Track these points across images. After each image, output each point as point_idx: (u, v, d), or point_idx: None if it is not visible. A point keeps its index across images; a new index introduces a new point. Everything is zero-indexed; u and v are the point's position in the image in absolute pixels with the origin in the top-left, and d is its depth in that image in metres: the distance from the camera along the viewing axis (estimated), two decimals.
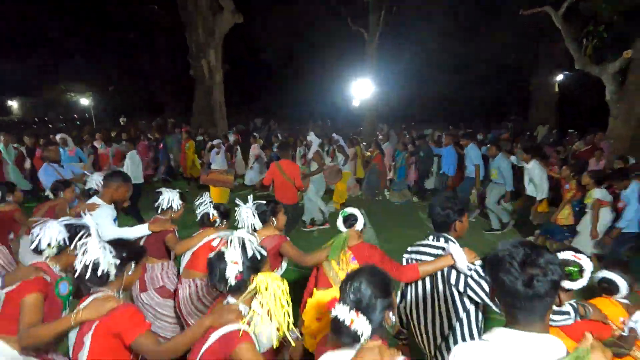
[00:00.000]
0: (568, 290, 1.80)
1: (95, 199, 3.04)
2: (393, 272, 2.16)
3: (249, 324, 1.47)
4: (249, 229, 2.50)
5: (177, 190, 3.13)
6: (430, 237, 2.26)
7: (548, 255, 1.09)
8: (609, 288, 2.20)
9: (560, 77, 15.01)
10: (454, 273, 2.06)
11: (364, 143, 11.06)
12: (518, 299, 1.09)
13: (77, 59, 22.20)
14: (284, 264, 2.78)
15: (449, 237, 2.19)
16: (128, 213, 6.03)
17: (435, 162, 8.41)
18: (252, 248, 1.62)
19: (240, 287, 1.56)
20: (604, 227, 4.54)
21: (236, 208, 2.61)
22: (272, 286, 1.50)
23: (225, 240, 1.63)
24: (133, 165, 6.48)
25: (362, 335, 1.25)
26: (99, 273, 1.65)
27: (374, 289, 1.29)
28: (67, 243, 1.98)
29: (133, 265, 1.79)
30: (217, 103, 12.81)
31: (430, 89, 20.28)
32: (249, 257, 1.58)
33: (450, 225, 2.19)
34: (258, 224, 2.57)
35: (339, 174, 7.03)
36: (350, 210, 2.48)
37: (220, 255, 1.58)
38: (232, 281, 1.54)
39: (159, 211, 3.00)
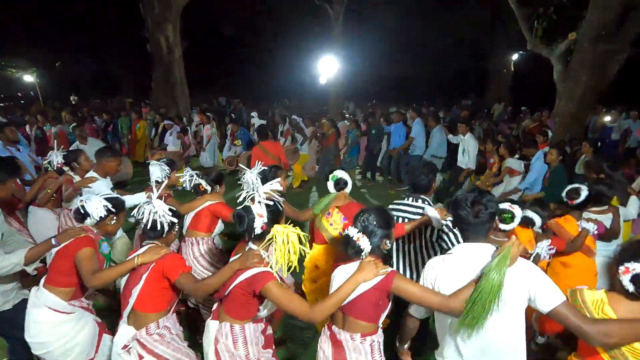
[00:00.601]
0: (503, 231, 2.42)
1: (92, 174, 3.43)
2: None
3: (269, 265, 1.82)
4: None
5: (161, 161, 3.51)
6: (410, 199, 2.75)
7: (488, 196, 1.67)
8: (527, 222, 2.90)
9: (515, 57, 15.71)
10: (429, 228, 2.66)
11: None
12: (470, 225, 1.66)
13: (15, 31, 20.15)
14: None
15: (426, 198, 2.72)
16: None
17: (385, 140, 8.48)
18: (275, 203, 1.94)
19: (262, 236, 1.86)
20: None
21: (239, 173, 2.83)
22: (286, 235, 1.80)
23: (252, 197, 1.93)
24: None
25: (363, 250, 1.75)
26: (158, 227, 2.06)
27: (378, 221, 1.78)
28: (107, 214, 2.30)
29: (177, 227, 2.22)
30: (178, 81, 12.30)
31: (394, 67, 20.51)
32: (271, 211, 1.88)
33: (429, 188, 2.73)
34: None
35: (296, 154, 7.09)
36: (339, 174, 2.93)
37: (248, 209, 1.87)
38: (257, 230, 1.84)
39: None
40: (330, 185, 2.93)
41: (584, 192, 3.04)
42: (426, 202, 2.69)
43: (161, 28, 11.50)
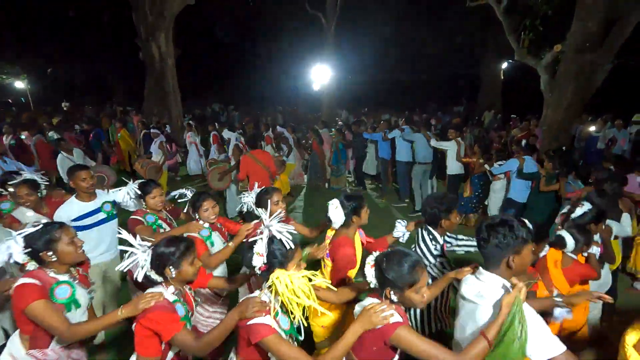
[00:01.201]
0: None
1: (72, 199, 3.09)
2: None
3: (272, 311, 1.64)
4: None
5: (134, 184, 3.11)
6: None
7: (513, 224, 1.59)
8: (559, 242, 2.64)
9: (505, 65, 15.96)
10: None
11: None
12: (482, 250, 1.66)
13: (7, 37, 20.03)
14: None
15: (432, 231, 2.60)
16: None
17: (373, 148, 8.47)
18: (284, 241, 1.69)
19: (265, 277, 1.68)
20: (500, 194, 5.61)
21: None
22: (286, 282, 1.60)
23: (261, 230, 1.73)
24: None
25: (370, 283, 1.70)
26: (150, 277, 1.85)
27: (393, 261, 1.66)
28: (34, 255, 1.90)
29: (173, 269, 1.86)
30: (170, 89, 12.31)
31: (387, 75, 20.74)
32: (271, 251, 1.68)
33: (438, 222, 2.56)
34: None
35: (283, 165, 7.15)
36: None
37: (250, 245, 1.71)
38: (257, 271, 1.68)
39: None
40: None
41: (569, 238, 2.63)
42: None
43: (154, 37, 11.53)
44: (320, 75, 14.75)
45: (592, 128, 9.15)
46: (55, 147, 6.42)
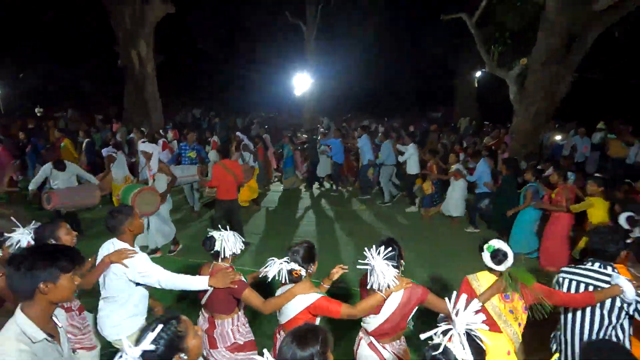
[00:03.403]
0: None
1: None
2: (562, 299, 2.40)
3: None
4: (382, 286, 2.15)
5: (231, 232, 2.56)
6: (597, 264, 2.49)
7: None
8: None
9: (479, 74, 16.63)
10: (618, 300, 2.36)
11: (305, 135, 11.44)
12: None
13: None
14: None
15: (614, 266, 2.45)
16: None
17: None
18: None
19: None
20: (462, 192, 6.62)
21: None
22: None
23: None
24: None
25: None
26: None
27: None
28: None
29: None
30: (150, 96, 12.21)
31: (368, 82, 21.16)
32: None
33: (616, 256, 2.46)
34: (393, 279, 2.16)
35: (252, 171, 7.33)
36: (497, 244, 2.35)
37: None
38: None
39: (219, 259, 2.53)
40: (487, 257, 2.35)
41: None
42: (615, 271, 2.43)
43: (133, 43, 11.46)
44: (302, 82, 14.97)
45: (558, 137, 9.71)
46: None
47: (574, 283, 2.53)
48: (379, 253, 2.11)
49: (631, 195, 5.00)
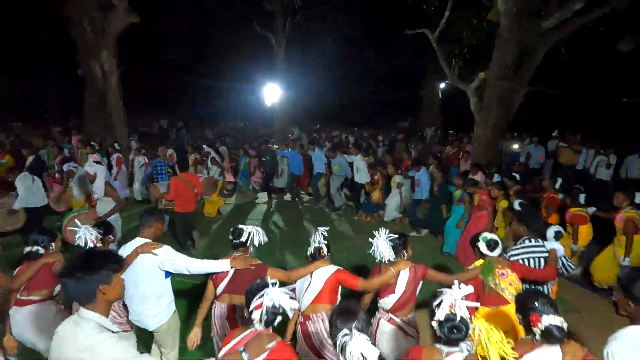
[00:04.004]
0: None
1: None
2: (537, 274, 3.08)
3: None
4: (383, 259, 2.77)
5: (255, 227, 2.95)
6: (533, 240, 3.27)
7: None
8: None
9: (443, 85, 17.36)
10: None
11: (276, 146, 11.44)
12: None
13: None
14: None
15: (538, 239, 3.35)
16: None
17: (285, 163, 9.33)
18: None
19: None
20: (404, 199, 7.14)
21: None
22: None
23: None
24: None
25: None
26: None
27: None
28: None
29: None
30: (114, 109, 11.69)
31: (337, 93, 21.56)
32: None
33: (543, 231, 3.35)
34: (392, 256, 2.75)
35: (215, 184, 7.28)
36: (489, 235, 3.04)
37: None
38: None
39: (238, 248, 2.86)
40: (483, 246, 2.99)
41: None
42: (539, 242, 3.28)
43: (94, 54, 11.03)
44: (272, 92, 14.99)
45: (515, 146, 10.30)
46: None
47: (526, 260, 3.19)
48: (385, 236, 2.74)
49: (537, 193, 6.04)
